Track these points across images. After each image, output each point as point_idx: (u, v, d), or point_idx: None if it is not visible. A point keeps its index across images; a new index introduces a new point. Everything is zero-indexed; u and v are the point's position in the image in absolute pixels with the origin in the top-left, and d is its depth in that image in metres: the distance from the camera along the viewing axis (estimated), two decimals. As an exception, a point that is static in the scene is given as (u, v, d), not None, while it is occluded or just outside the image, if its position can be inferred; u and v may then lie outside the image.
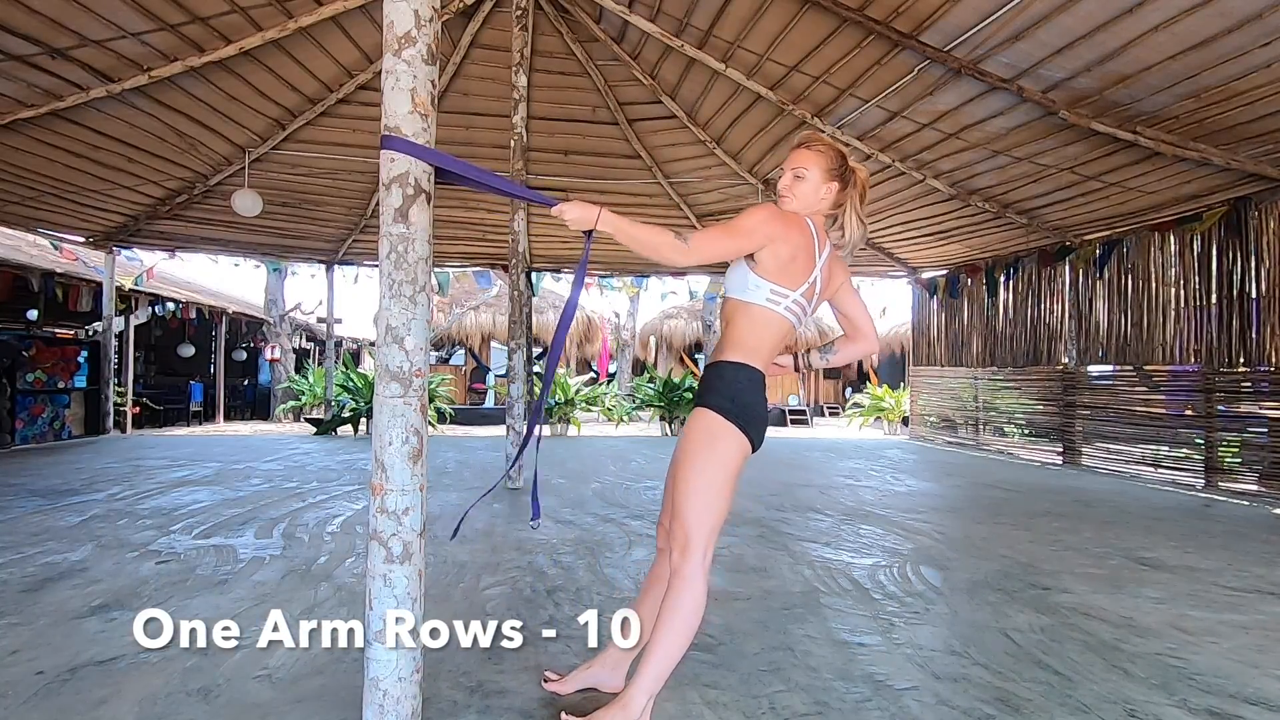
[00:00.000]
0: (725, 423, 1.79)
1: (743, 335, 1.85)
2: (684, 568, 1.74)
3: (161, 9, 5.35)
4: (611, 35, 6.91)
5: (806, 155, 1.91)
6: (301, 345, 17.42)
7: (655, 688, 1.74)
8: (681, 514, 1.77)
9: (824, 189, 1.91)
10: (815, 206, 1.92)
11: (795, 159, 1.92)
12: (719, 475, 1.78)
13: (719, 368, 1.86)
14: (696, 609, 1.74)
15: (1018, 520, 4.68)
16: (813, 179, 1.90)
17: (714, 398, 1.81)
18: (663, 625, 1.72)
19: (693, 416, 1.85)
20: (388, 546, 1.65)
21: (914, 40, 5.17)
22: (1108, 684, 2.15)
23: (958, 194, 7.45)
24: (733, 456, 1.80)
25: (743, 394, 1.82)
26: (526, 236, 9.41)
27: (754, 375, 1.84)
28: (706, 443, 1.78)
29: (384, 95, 1.69)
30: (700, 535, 1.75)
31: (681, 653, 1.74)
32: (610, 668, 2.00)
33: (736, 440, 1.80)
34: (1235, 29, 4.11)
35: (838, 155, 1.92)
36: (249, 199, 7.42)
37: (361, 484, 5.60)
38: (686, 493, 1.77)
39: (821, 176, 1.90)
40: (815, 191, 1.90)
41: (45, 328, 11.11)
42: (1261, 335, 5.90)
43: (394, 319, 1.68)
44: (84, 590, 2.85)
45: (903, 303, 12.48)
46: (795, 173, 1.91)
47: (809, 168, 1.90)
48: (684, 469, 1.79)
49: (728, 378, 1.83)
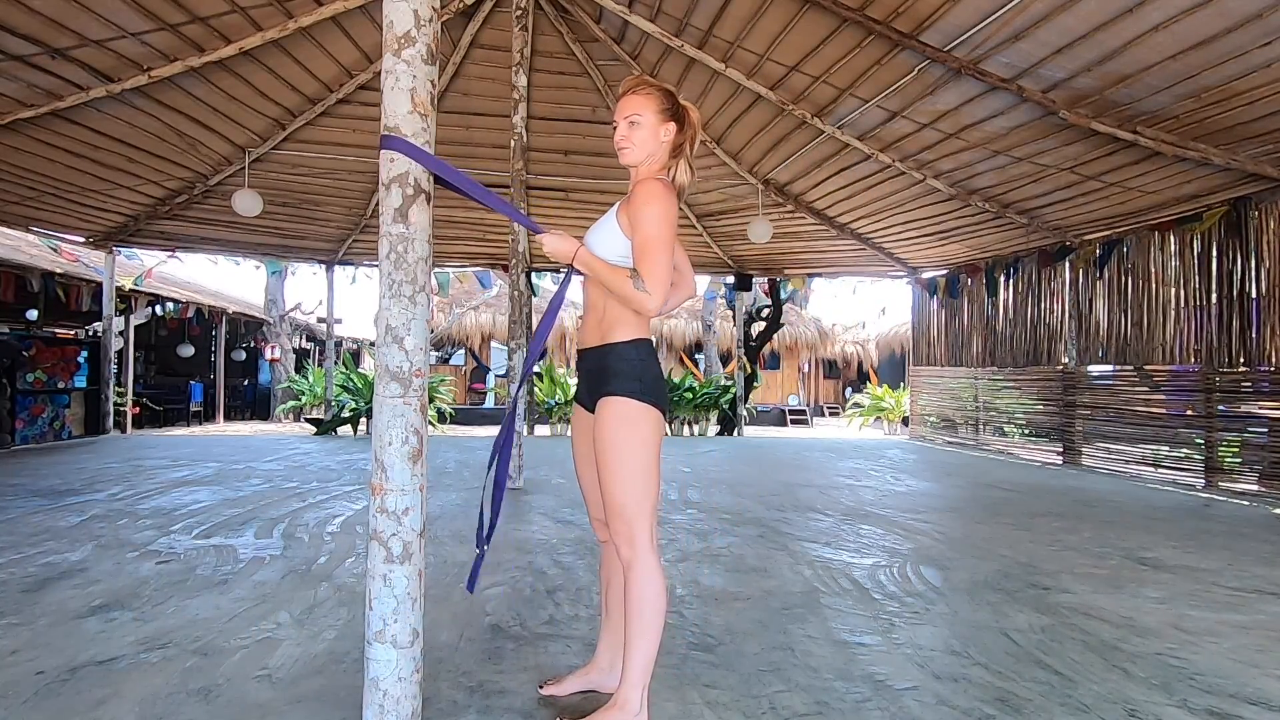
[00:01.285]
0: (639, 405, 1.75)
1: (629, 312, 1.79)
2: (635, 560, 1.73)
3: (161, 9, 5.35)
4: (611, 35, 6.91)
5: (636, 99, 1.84)
6: (301, 345, 17.43)
7: (645, 679, 1.74)
8: (618, 507, 1.74)
9: (662, 130, 1.84)
10: (656, 151, 1.85)
11: (625, 106, 1.84)
12: (645, 459, 1.74)
13: (615, 350, 1.79)
14: (659, 594, 1.73)
15: (1018, 520, 4.68)
16: (648, 122, 1.83)
17: (620, 382, 1.76)
18: (633, 620, 1.72)
19: (607, 405, 1.77)
20: (388, 546, 1.65)
21: (914, 40, 5.17)
22: (1108, 684, 2.15)
23: (958, 194, 7.46)
24: (654, 436, 1.76)
25: (646, 371, 1.78)
26: (526, 237, 9.41)
27: (650, 347, 1.83)
28: (628, 431, 1.74)
29: (384, 95, 1.69)
30: (642, 523, 1.74)
31: (658, 639, 1.74)
32: (605, 669, 2.00)
33: (653, 419, 1.77)
34: (1235, 29, 4.11)
35: (667, 94, 1.85)
36: (249, 199, 7.42)
37: (361, 484, 5.60)
38: (619, 485, 1.73)
39: (657, 118, 1.83)
40: (654, 135, 1.83)
41: (45, 328, 11.12)
42: (1261, 335, 5.90)
43: (394, 319, 1.68)
44: (84, 590, 2.85)
45: (903, 303, 12.48)
46: (629, 119, 1.83)
47: (642, 112, 1.83)
48: (612, 462, 1.74)
49: (629, 358, 1.78)
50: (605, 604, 2.01)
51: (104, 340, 9.52)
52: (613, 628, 1.99)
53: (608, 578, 1.99)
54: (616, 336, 1.80)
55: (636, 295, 1.71)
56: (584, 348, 1.90)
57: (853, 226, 9.38)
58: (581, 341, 1.92)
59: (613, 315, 1.81)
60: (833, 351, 20.63)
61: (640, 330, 1.81)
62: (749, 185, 8.65)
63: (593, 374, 1.85)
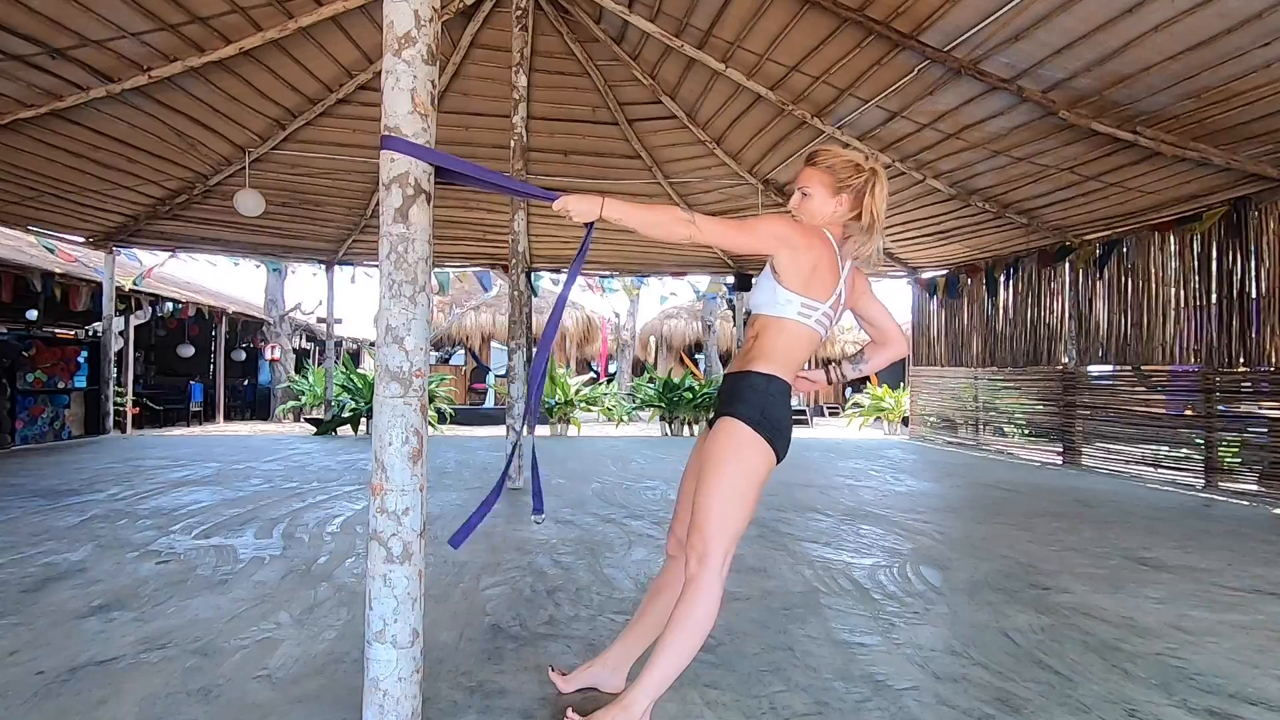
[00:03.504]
0: (754, 434, 1.76)
1: (773, 347, 1.83)
2: (701, 576, 1.71)
3: (161, 9, 5.35)
4: (611, 35, 6.91)
5: (810, 173, 1.88)
6: (301, 345, 17.42)
7: (659, 692, 1.72)
8: (703, 523, 1.73)
9: (832, 204, 1.86)
10: (825, 219, 1.88)
11: (801, 178, 1.89)
12: (745, 486, 1.75)
13: (749, 378, 1.82)
14: (708, 617, 1.71)
15: (1018, 520, 4.68)
16: (818, 196, 1.86)
17: (744, 408, 1.78)
18: (674, 631, 1.70)
19: (721, 426, 1.80)
20: (388, 546, 1.65)
21: (914, 40, 5.17)
22: (1108, 684, 2.15)
23: (958, 194, 7.46)
24: (760, 468, 1.77)
25: (772, 406, 1.79)
26: (526, 236, 9.40)
27: (783, 388, 1.82)
28: (735, 453, 1.75)
29: (384, 95, 1.69)
30: (720, 545, 1.73)
31: (689, 660, 1.73)
32: (611, 668, 2.00)
33: (764, 452, 1.77)
34: (1235, 29, 4.11)
35: (849, 168, 1.86)
36: (251, 199, 7.42)
37: (361, 484, 5.60)
38: (711, 502, 1.74)
39: (827, 193, 1.86)
40: (823, 208, 1.87)
41: (45, 328, 11.11)
42: (1261, 335, 5.90)
43: (394, 319, 1.68)
44: (84, 590, 2.85)
45: (903, 303, 12.47)
46: (802, 190, 1.89)
47: (811, 186, 1.87)
48: (711, 478, 1.75)
49: (759, 389, 1.79)
50: (643, 610, 2.00)
51: (104, 340, 9.52)
52: (636, 635, 1.99)
53: (659, 588, 1.98)
54: (755, 366, 1.82)
55: (678, 216, 1.74)
56: (728, 371, 1.93)
57: (853, 226, 9.36)
58: (727, 370, 1.95)
59: (760, 348, 1.84)
60: (833, 351, 20.61)
61: (781, 370, 1.82)
62: (749, 185, 8.65)
63: (724, 395, 1.87)
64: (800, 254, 1.80)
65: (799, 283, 1.80)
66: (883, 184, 1.89)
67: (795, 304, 1.81)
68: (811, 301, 1.81)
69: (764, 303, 1.86)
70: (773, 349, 1.83)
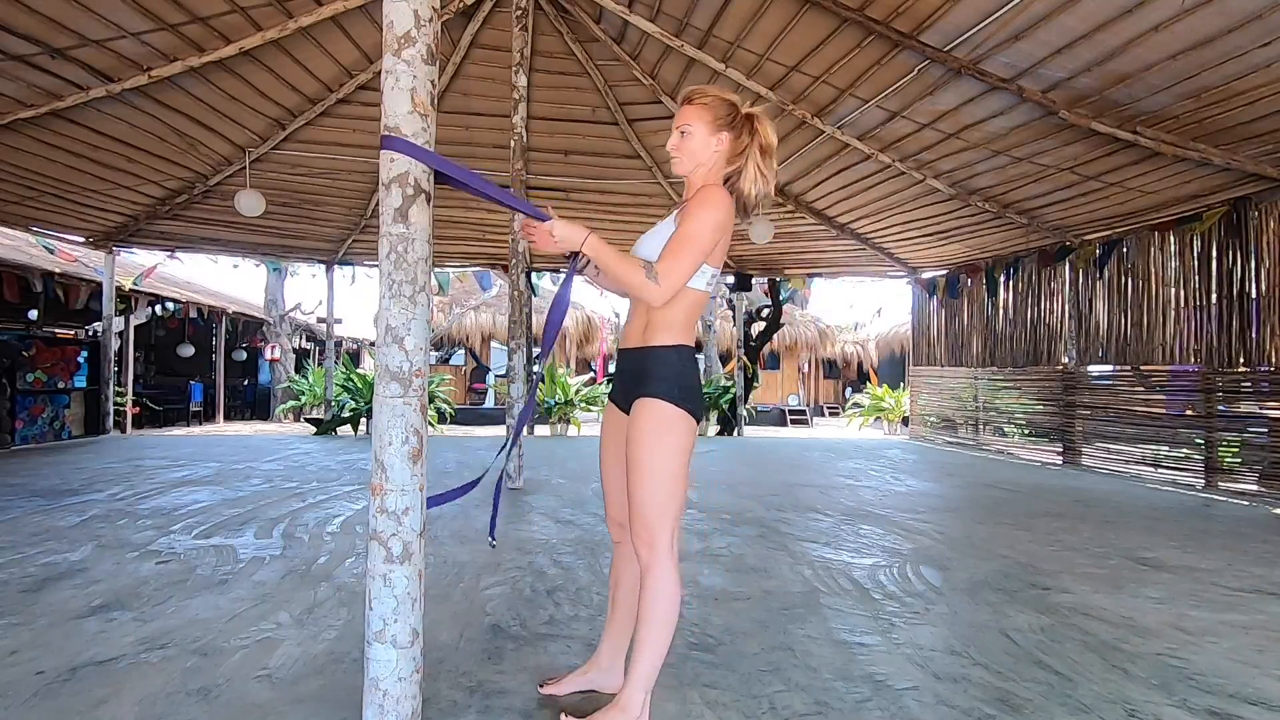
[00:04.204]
0: (676, 410, 1.74)
1: (676, 317, 1.80)
2: (654, 564, 1.71)
3: (161, 9, 5.35)
4: (611, 35, 6.91)
5: (689, 110, 1.83)
6: (301, 345, 17.43)
7: (649, 684, 1.74)
8: (644, 512, 1.72)
9: (713, 141, 1.82)
10: (708, 162, 1.83)
11: (679, 116, 1.85)
12: (675, 464, 1.74)
13: (656, 353, 1.79)
14: (672, 601, 1.72)
15: (1018, 520, 4.68)
16: (699, 133, 1.82)
17: (661, 386, 1.75)
18: (644, 623, 1.71)
19: (641, 408, 1.76)
20: (388, 546, 1.65)
21: (914, 40, 5.17)
22: (1108, 684, 2.15)
23: (958, 194, 7.45)
24: (686, 442, 1.76)
25: (685, 376, 1.78)
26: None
27: (691, 353, 1.82)
28: (662, 435, 1.73)
29: (384, 95, 1.69)
30: (665, 528, 1.72)
31: (667, 645, 1.74)
32: (605, 669, 2.00)
33: (688, 425, 1.76)
34: (1235, 29, 4.11)
35: (725, 104, 1.83)
36: (252, 199, 7.42)
37: (361, 484, 5.60)
38: (647, 489, 1.72)
39: (708, 129, 1.81)
40: (704, 147, 1.82)
41: (45, 328, 11.12)
42: (1261, 335, 5.90)
43: (394, 319, 1.68)
44: (84, 590, 2.85)
45: (903, 303, 12.48)
46: (681, 129, 1.83)
47: (692, 122, 1.82)
48: (642, 465, 1.73)
49: (670, 362, 1.78)
50: (612, 603, 2.00)
51: (104, 340, 9.51)
52: (616, 628, 1.98)
53: (617, 577, 1.98)
54: (658, 340, 1.79)
55: (645, 284, 1.68)
56: (624, 347, 1.89)
57: (852, 226, 9.38)
58: (623, 341, 1.92)
59: (657, 318, 1.80)
60: (832, 351, 20.63)
61: (683, 336, 1.81)
62: (749, 185, 8.64)
63: (631, 374, 1.84)
64: (728, 232, 1.78)
65: (714, 256, 1.79)
66: (764, 124, 1.84)
67: (706, 275, 1.80)
68: (715, 270, 1.82)
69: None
70: (674, 319, 1.80)
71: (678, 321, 1.80)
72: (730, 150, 1.84)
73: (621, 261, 1.71)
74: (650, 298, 1.71)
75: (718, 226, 1.74)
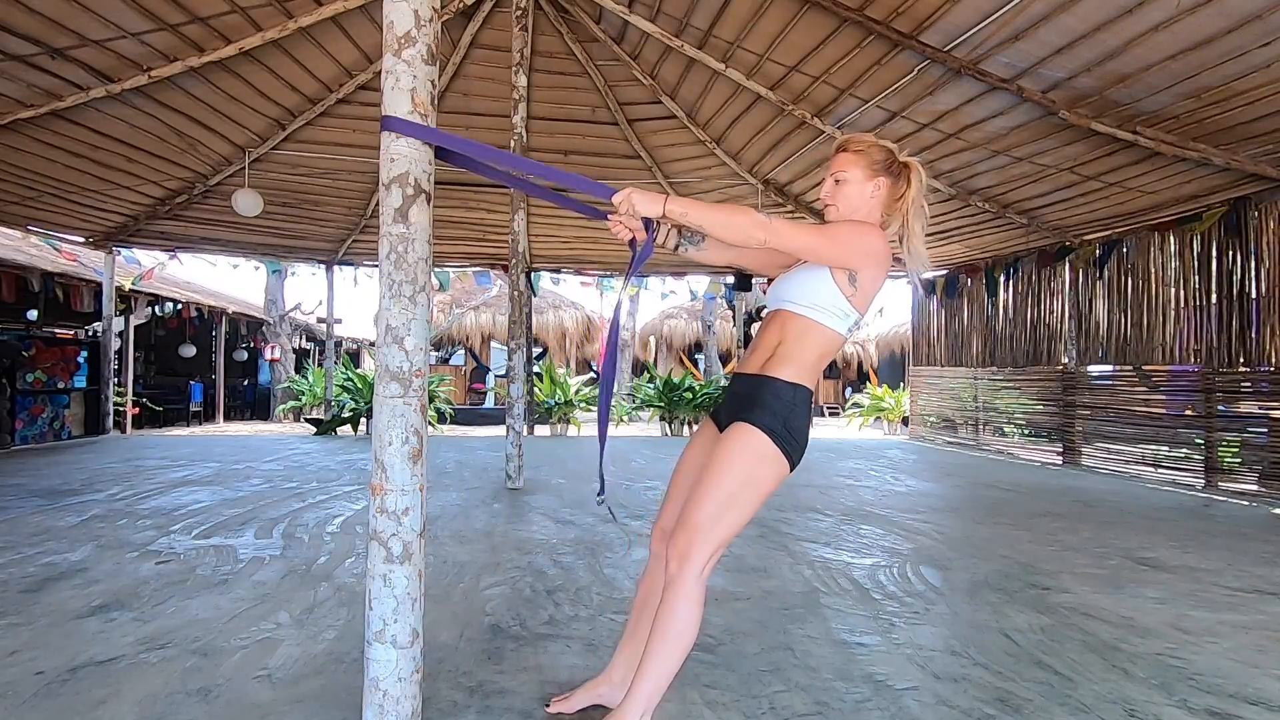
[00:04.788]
0: (773, 446, 1.65)
1: (806, 355, 1.70)
2: (680, 579, 1.63)
3: (161, 9, 5.35)
4: (611, 35, 6.91)
5: (845, 157, 1.77)
6: (301, 345, 17.41)
7: (652, 703, 1.65)
8: (693, 520, 1.63)
9: (870, 187, 1.76)
10: (863, 209, 1.76)
11: (834, 163, 1.78)
12: (748, 497, 1.66)
13: (773, 385, 1.69)
14: (692, 623, 1.63)
15: (1018, 520, 4.68)
16: (855, 179, 1.75)
17: (767, 417, 1.66)
18: (656, 639, 1.63)
19: (737, 430, 1.67)
20: (387, 546, 1.64)
21: (914, 40, 5.17)
22: (1108, 684, 2.15)
23: (958, 194, 7.46)
24: (769, 481, 1.67)
25: (796, 418, 1.68)
26: (526, 236, 9.41)
27: (808, 397, 1.71)
28: (750, 463, 1.65)
29: (384, 95, 1.69)
30: (706, 548, 1.63)
31: (677, 666, 1.65)
32: (617, 685, 1.90)
33: (779, 465, 1.67)
34: (1235, 29, 4.11)
35: (882, 150, 1.77)
36: (250, 199, 7.42)
37: (361, 484, 5.60)
38: (708, 502, 1.63)
39: (864, 175, 1.75)
40: (861, 193, 1.76)
41: (45, 328, 11.12)
42: (1261, 335, 5.90)
43: (394, 319, 1.68)
44: (84, 590, 2.85)
45: (903, 303, 12.47)
46: (836, 177, 1.77)
47: (848, 169, 1.76)
48: (715, 478, 1.65)
49: (785, 399, 1.67)
50: (636, 616, 1.91)
51: (104, 340, 9.51)
52: (637, 643, 1.87)
53: (646, 593, 1.90)
54: (779, 372, 1.70)
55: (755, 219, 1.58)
56: (742, 371, 1.81)
57: (853, 226, 9.37)
58: (742, 365, 1.84)
59: (784, 352, 1.72)
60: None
61: (807, 377, 1.71)
62: (749, 185, 8.65)
63: (740, 398, 1.74)
64: (882, 272, 1.70)
65: (865, 299, 1.70)
66: (919, 173, 1.79)
67: (853, 319, 1.71)
68: (861, 317, 1.73)
69: (814, 303, 1.71)
70: (804, 356, 1.70)
71: (806, 361, 1.71)
72: (888, 197, 1.78)
73: (720, 209, 1.60)
74: (754, 233, 1.59)
75: (869, 253, 1.68)
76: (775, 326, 1.77)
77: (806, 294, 1.72)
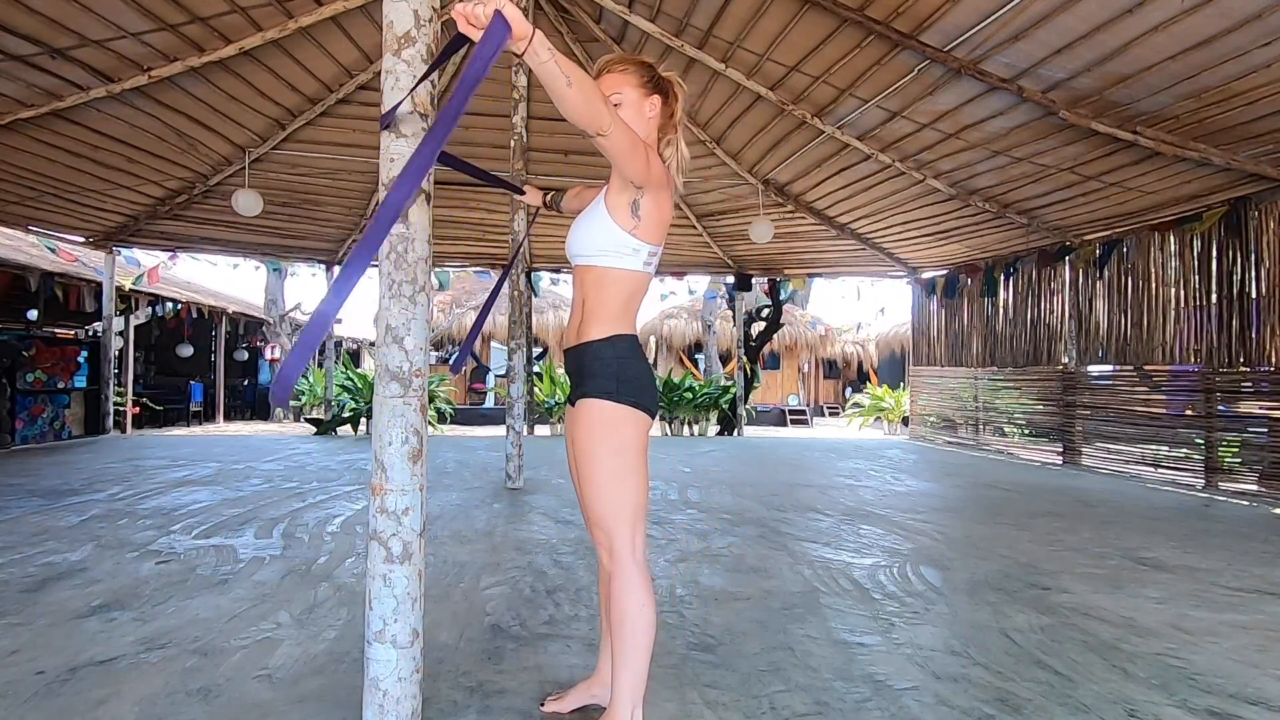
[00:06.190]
0: (620, 407, 1.63)
1: (611, 304, 1.67)
2: (615, 572, 1.63)
3: (161, 9, 5.35)
4: (611, 35, 6.91)
5: (614, 78, 1.67)
6: (301, 345, 17.40)
7: (636, 698, 1.65)
8: (597, 516, 1.65)
9: (646, 105, 1.68)
10: (644, 130, 1.68)
11: (604, 86, 1.65)
12: (624, 464, 1.63)
13: (593, 348, 1.66)
14: (642, 608, 1.62)
15: (1018, 520, 4.68)
16: (630, 100, 1.66)
17: (599, 383, 1.64)
18: (618, 633, 1.63)
19: (579, 411, 1.67)
20: (388, 546, 1.65)
21: (914, 40, 5.17)
22: (1108, 684, 2.15)
23: (958, 194, 7.45)
24: (633, 438, 1.64)
25: (626, 369, 1.65)
26: (527, 235, 9.38)
27: (631, 343, 1.69)
28: (605, 433, 1.63)
29: (384, 95, 1.69)
30: (622, 533, 1.63)
31: (648, 653, 1.65)
32: (608, 683, 1.86)
33: (633, 420, 1.64)
34: (1235, 29, 4.11)
35: (646, 67, 1.70)
36: (250, 198, 7.42)
37: (361, 484, 5.60)
38: (596, 493, 1.64)
39: (638, 94, 1.67)
40: (639, 114, 1.67)
41: (45, 328, 11.12)
42: (1261, 335, 5.90)
43: (394, 319, 1.68)
44: (84, 590, 2.85)
45: (903, 303, 12.47)
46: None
47: (621, 90, 1.66)
48: (587, 469, 1.64)
49: (606, 357, 1.65)
50: (604, 615, 1.90)
51: (104, 340, 9.51)
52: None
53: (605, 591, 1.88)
54: (593, 333, 1.67)
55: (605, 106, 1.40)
56: (567, 347, 1.78)
57: (853, 226, 9.38)
58: (565, 341, 1.81)
59: (590, 310, 1.68)
60: (833, 351, 20.62)
61: (620, 325, 1.68)
62: (749, 185, 8.65)
63: (573, 375, 1.74)
64: (666, 195, 1.64)
65: (653, 228, 1.63)
66: (683, 88, 1.75)
67: (644, 252, 1.65)
68: (656, 248, 1.67)
69: (604, 249, 1.64)
70: (610, 306, 1.66)
71: (613, 310, 1.67)
72: (661, 117, 1.72)
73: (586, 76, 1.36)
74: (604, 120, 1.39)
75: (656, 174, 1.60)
76: (578, 284, 1.74)
77: (592, 242, 1.67)
